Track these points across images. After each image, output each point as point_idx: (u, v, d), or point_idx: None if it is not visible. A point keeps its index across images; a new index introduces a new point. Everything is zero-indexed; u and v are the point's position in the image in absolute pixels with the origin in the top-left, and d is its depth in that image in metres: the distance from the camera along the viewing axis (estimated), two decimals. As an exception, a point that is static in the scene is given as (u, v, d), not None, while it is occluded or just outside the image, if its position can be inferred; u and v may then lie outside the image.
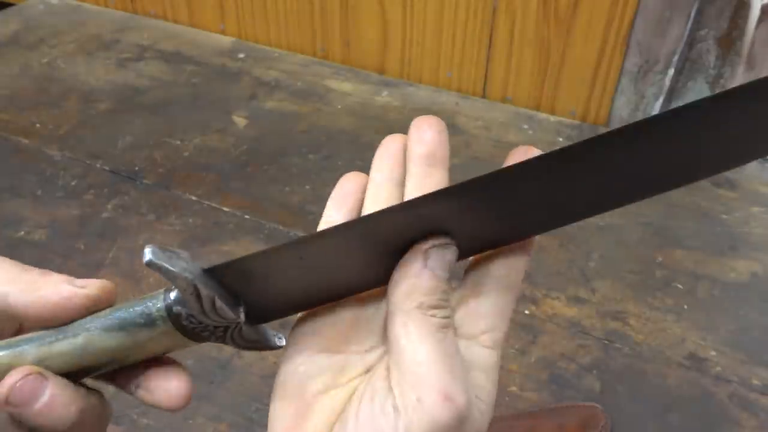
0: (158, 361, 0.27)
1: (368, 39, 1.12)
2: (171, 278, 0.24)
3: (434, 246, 0.24)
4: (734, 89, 0.20)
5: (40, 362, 0.26)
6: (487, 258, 0.26)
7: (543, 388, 0.62)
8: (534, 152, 0.24)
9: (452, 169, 0.24)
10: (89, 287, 0.26)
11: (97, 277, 0.28)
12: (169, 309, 0.25)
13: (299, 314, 0.28)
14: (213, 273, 0.25)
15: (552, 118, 1.02)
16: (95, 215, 0.81)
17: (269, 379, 0.62)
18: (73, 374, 0.26)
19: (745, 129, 0.21)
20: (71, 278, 0.27)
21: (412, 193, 0.27)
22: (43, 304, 0.26)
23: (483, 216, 0.24)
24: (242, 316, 0.26)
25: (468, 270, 0.26)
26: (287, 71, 1.12)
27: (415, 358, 0.22)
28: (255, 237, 0.78)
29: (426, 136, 0.28)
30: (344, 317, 0.27)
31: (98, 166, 0.89)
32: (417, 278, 0.24)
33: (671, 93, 0.96)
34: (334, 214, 0.28)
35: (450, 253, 0.24)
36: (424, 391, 0.22)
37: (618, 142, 0.22)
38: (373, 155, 0.29)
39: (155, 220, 0.81)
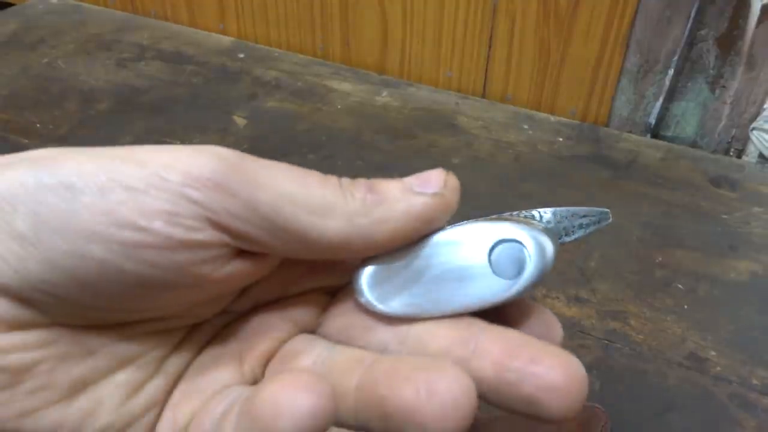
0: None
1: (368, 39, 1.12)
2: None
3: None
4: None
5: None
6: None
7: (543, 388, 0.62)
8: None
9: (453, 169, 0.24)
10: (443, 192, 0.20)
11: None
12: None
13: None
14: None
15: (552, 118, 1.02)
16: (95, 215, 0.81)
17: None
18: None
19: None
20: (408, 183, 0.20)
21: None
22: (386, 231, 0.19)
23: None
24: None
25: None
26: (287, 71, 1.12)
27: None
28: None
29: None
30: None
31: (98, 166, 0.89)
32: None
33: (671, 93, 0.96)
34: None
35: None
36: None
37: None
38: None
39: (155, 220, 0.81)
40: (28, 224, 0.17)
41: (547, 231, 0.22)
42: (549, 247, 0.21)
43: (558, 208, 0.26)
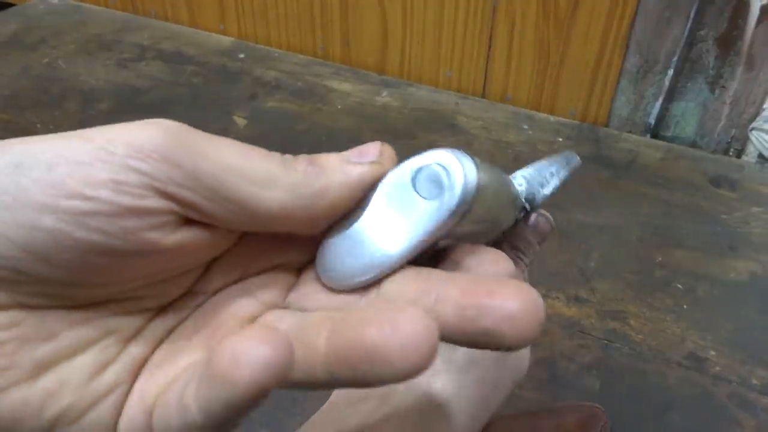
0: None
1: (368, 39, 1.12)
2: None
3: None
4: None
5: None
6: None
7: (543, 388, 0.62)
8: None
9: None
10: (378, 161, 0.21)
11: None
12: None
13: None
14: None
15: (552, 118, 1.03)
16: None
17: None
18: None
19: None
20: (345, 155, 0.21)
21: None
22: (327, 199, 0.20)
23: None
24: None
25: None
26: (287, 71, 1.12)
27: None
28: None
29: None
30: None
31: (99, 166, 0.89)
32: None
33: (671, 93, 0.96)
34: None
35: None
36: None
37: None
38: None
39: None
40: None
41: (466, 154, 0.22)
42: (463, 158, 0.21)
43: (525, 169, 0.29)
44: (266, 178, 0.20)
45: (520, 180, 0.33)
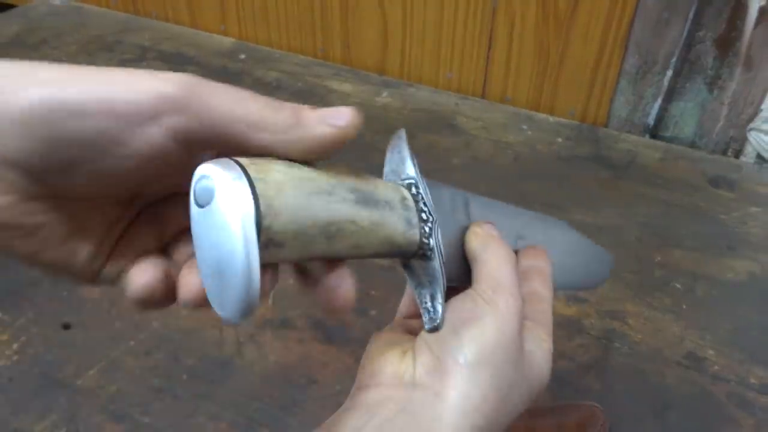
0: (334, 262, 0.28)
1: (368, 40, 1.13)
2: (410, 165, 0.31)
3: None
4: None
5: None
6: None
7: (542, 387, 0.62)
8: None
9: (452, 169, 0.24)
10: (347, 127, 0.26)
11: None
12: (414, 195, 0.29)
13: None
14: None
15: (551, 119, 1.03)
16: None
17: (270, 378, 0.63)
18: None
19: None
20: (323, 114, 0.26)
21: None
22: (300, 147, 0.26)
23: None
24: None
25: None
26: (288, 72, 1.12)
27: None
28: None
29: None
30: None
31: (100, 166, 0.90)
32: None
33: (670, 94, 0.97)
34: None
35: None
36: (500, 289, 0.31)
37: None
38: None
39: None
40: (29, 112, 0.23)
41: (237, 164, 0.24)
42: (227, 170, 0.23)
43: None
44: (256, 122, 0.25)
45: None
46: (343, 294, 0.27)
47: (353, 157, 0.92)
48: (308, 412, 0.59)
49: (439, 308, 0.29)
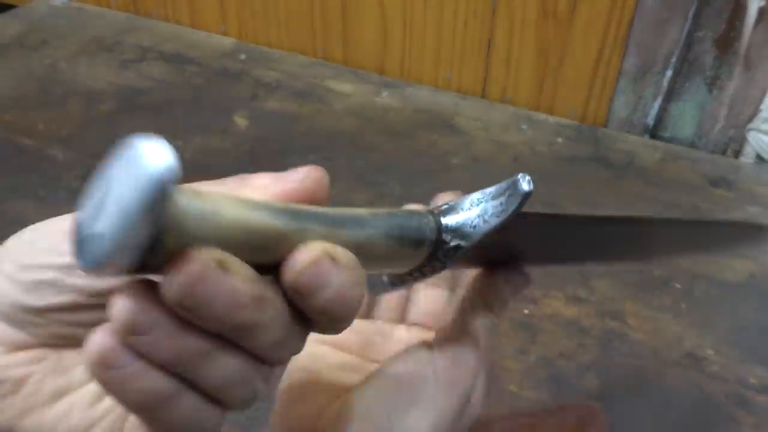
0: None
1: (368, 40, 1.13)
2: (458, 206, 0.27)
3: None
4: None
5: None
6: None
7: (542, 388, 0.62)
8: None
9: (452, 169, 0.24)
10: (302, 180, 0.24)
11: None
12: (439, 233, 0.26)
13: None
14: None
15: (551, 119, 1.03)
16: (97, 215, 0.82)
17: (270, 377, 0.63)
18: None
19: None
20: (278, 174, 0.25)
21: None
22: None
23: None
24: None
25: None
26: (288, 72, 1.12)
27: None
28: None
29: None
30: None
31: (100, 166, 0.90)
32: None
33: (669, 94, 0.97)
34: None
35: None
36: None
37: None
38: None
39: (157, 221, 0.81)
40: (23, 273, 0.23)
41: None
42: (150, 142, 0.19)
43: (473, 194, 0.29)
44: None
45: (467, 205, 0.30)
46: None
47: (353, 157, 0.93)
48: (308, 412, 0.59)
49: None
